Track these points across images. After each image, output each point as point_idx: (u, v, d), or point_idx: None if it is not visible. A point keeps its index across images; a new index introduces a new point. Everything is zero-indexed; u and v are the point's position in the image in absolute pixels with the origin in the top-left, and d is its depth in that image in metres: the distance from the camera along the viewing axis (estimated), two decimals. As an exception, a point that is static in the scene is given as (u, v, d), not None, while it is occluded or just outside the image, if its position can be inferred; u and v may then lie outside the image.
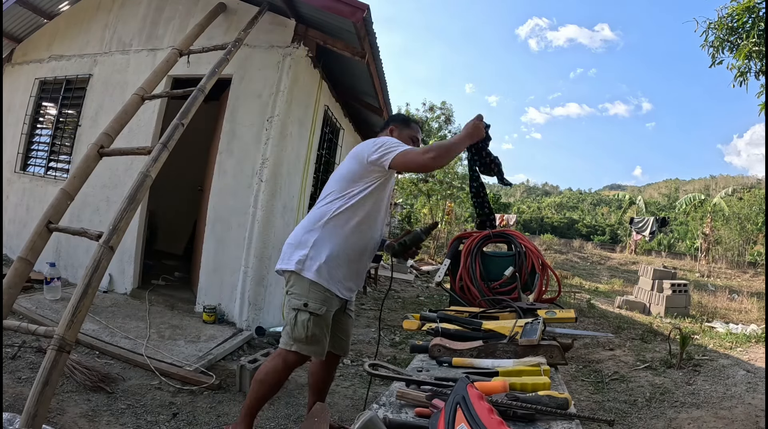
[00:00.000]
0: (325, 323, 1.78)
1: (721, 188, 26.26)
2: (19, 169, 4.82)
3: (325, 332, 1.79)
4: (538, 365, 1.08)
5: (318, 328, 1.76)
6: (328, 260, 1.77)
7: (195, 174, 4.87)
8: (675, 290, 7.71)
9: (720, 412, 3.13)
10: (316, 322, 1.75)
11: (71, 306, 1.85)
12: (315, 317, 1.75)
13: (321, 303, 1.76)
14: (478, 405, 0.71)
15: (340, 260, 1.80)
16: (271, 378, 1.83)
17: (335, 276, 1.80)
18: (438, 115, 22.09)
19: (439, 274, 2.13)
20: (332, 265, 1.79)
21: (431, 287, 8.26)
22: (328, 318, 1.80)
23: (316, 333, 1.75)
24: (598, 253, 21.38)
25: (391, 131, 2.02)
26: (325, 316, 1.77)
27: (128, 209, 2.21)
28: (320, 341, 1.78)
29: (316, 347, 1.77)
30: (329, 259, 1.78)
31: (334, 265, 1.79)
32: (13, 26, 4.91)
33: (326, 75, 4.44)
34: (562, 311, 1.61)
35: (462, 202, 17.90)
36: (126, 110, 2.88)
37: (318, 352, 1.79)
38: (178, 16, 4.20)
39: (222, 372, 2.87)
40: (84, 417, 2.16)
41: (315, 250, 1.78)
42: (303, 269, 1.77)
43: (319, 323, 1.76)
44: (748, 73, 4.75)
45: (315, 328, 1.75)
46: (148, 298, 3.86)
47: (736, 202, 20.39)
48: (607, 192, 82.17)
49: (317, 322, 1.75)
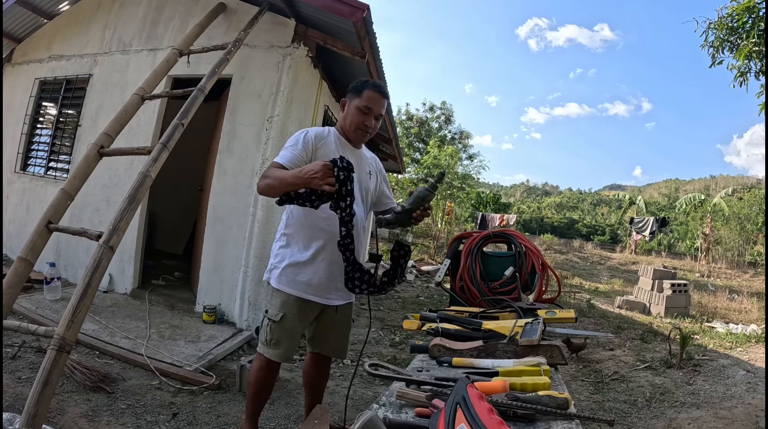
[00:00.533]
0: (284, 328, 1.77)
1: (721, 188, 26.26)
2: (19, 169, 4.82)
3: (286, 337, 1.78)
4: (538, 365, 1.08)
5: (278, 332, 1.77)
6: (288, 266, 1.77)
7: (195, 174, 4.87)
8: (675, 290, 7.71)
9: (720, 412, 3.12)
10: (275, 328, 1.77)
11: (71, 306, 1.85)
12: (273, 323, 1.77)
13: (279, 309, 1.77)
14: (478, 405, 0.71)
15: (301, 265, 1.76)
16: (254, 378, 1.88)
17: (299, 281, 1.76)
18: (438, 115, 22.14)
19: (439, 274, 2.13)
20: (292, 271, 1.77)
21: (431, 287, 8.26)
22: (288, 323, 1.77)
23: (275, 337, 1.78)
24: (598, 253, 21.39)
25: (342, 106, 1.86)
26: (283, 322, 1.77)
27: (128, 209, 2.21)
28: (280, 345, 1.78)
29: (277, 351, 1.78)
30: (289, 265, 1.77)
31: (294, 270, 1.77)
32: (13, 26, 4.91)
33: (326, 75, 4.44)
34: (562, 311, 1.61)
35: (462, 202, 17.92)
36: (126, 110, 2.88)
37: (278, 355, 1.79)
38: (178, 16, 4.20)
39: (222, 372, 2.87)
40: (84, 417, 2.16)
41: (277, 258, 1.81)
42: (270, 278, 1.82)
43: (278, 328, 1.77)
44: (748, 73, 4.75)
45: (274, 333, 1.78)
46: (148, 298, 3.86)
47: (736, 202, 20.39)
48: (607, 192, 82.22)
49: (275, 328, 1.77)
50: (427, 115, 22.12)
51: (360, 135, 1.81)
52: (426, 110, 22.22)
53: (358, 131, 1.79)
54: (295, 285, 1.76)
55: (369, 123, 1.78)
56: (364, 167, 1.85)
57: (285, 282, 1.77)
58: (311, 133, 1.78)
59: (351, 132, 1.80)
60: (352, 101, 1.80)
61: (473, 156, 20.49)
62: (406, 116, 21.92)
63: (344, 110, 1.84)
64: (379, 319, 5.31)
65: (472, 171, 17.79)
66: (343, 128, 1.83)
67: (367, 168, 1.88)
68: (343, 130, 1.83)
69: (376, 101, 1.78)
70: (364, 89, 1.78)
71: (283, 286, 1.77)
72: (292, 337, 1.80)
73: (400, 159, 9.27)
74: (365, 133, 1.80)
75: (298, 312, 1.78)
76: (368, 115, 1.78)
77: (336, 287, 1.79)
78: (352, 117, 1.79)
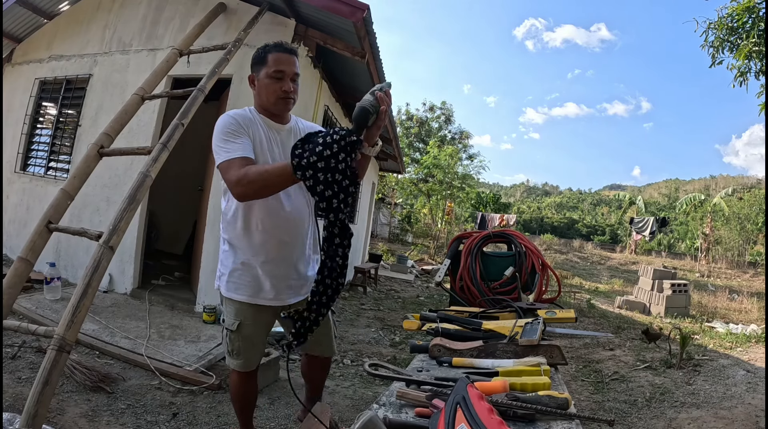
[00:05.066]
0: (242, 337, 1.65)
1: (721, 188, 26.28)
2: (19, 169, 4.82)
3: (246, 345, 1.66)
4: (538, 365, 1.08)
5: (237, 342, 1.66)
6: (233, 271, 1.63)
7: (195, 174, 4.87)
8: (675, 290, 7.71)
9: (720, 412, 3.12)
10: (233, 338, 1.66)
11: (71, 306, 1.85)
12: (230, 333, 1.66)
13: (234, 317, 1.64)
14: (478, 405, 0.71)
15: (246, 267, 1.61)
16: (233, 393, 1.82)
17: (247, 285, 1.62)
18: (438, 115, 22.17)
19: (439, 274, 2.13)
20: (238, 275, 1.62)
21: (431, 287, 8.26)
22: (246, 330, 1.65)
23: (235, 348, 1.67)
24: (598, 253, 21.40)
25: (251, 83, 1.62)
26: (240, 330, 1.64)
27: (128, 209, 2.21)
28: (241, 354, 1.67)
29: (240, 360, 1.68)
30: (234, 270, 1.63)
31: (239, 274, 1.62)
32: (13, 26, 4.92)
33: (326, 75, 4.44)
34: (562, 311, 1.61)
35: (462, 202, 17.92)
36: (126, 110, 2.88)
37: (241, 365, 1.68)
38: (178, 16, 4.20)
39: (222, 372, 2.87)
40: (84, 417, 2.16)
41: (222, 264, 1.68)
42: (220, 286, 1.69)
43: (237, 338, 1.65)
44: (748, 73, 4.76)
45: (233, 342, 1.66)
46: (148, 298, 3.86)
47: (736, 202, 20.40)
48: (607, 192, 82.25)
49: (234, 337, 1.66)
50: (427, 115, 22.16)
51: (282, 104, 1.58)
52: (426, 110, 22.26)
53: (279, 102, 1.56)
54: (243, 290, 1.62)
55: (287, 87, 1.54)
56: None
57: (233, 288, 1.63)
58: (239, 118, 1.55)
59: (272, 105, 1.57)
60: (260, 72, 1.57)
61: (473, 156, 20.52)
62: (406, 116, 21.94)
63: (255, 87, 1.61)
64: (379, 319, 5.31)
65: (472, 171, 17.80)
66: (262, 106, 1.60)
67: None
68: (263, 108, 1.60)
69: (284, 61, 1.55)
70: (267, 54, 1.56)
71: (232, 293, 1.63)
72: (253, 345, 1.68)
73: (400, 159, 9.28)
74: (287, 99, 1.57)
75: (254, 318, 1.65)
76: (282, 80, 1.54)
77: (289, 286, 1.65)
78: (266, 88, 1.55)
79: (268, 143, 1.57)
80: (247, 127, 1.53)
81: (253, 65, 1.60)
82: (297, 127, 1.67)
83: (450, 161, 14.97)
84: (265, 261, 1.60)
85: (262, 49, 1.58)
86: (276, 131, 1.60)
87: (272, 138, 1.58)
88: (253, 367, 1.73)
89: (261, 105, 1.60)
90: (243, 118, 1.54)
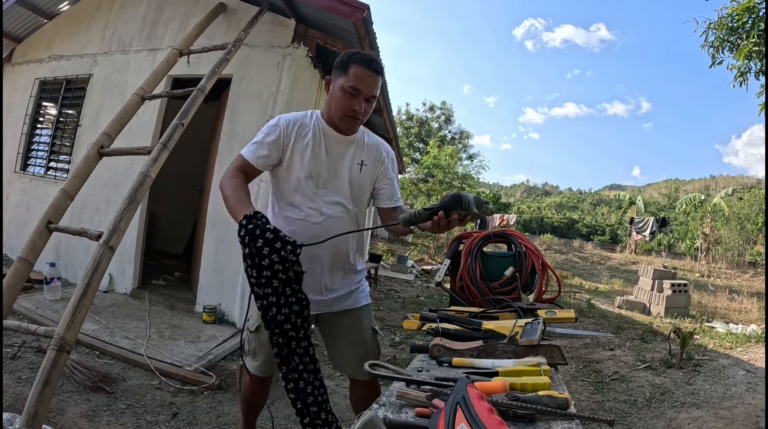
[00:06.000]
0: (259, 339, 1.61)
1: (721, 188, 26.28)
2: (19, 169, 4.82)
3: (262, 349, 1.62)
4: (538, 365, 1.08)
5: (254, 343, 1.63)
6: None
7: (195, 174, 4.87)
8: (675, 290, 7.71)
9: (720, 412, 3.12)
10: (252, 338, 1.64)
11: (71, 306, 1.85)
12: (250, 333, 1.64)
13: (256, 318, 1.60)
14: (478, 405, 0.71)
15: None
16: (242, 393, 1.78)
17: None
18: (438, 115, 22.16)
19: (439, 274, 2.13)
20: None
21: (431, 287, 8.26)
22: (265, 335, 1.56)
23: (251, 348, 1.65)
24: (598, 253, 21.39)
25: (327, 86, 1.53)
26: (259, 332, 1.60)
27: (128, 209, 2.21)
28: (257, 356, 1.63)
29: (256, 363, 1.64)
30: None
31: None
32: (13, 26, 4.92)
33: (326, 75, 4.43)
34: (562, 311, 1.61)
35: (462, 202, 17.90)
36: (126, 110, 2.88)
37: (256, 367, 1.65)
38: (178, 16, 4.20)
39: (222, 372, 2.87)
40: (84, 417, 2.16)
41: None
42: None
43: (254, 339, 1.63)
44: (748, 73, 4.76)
45: (251, 343, 1.64)
46: (148, 298, 3.86)
47: (736, 202, 20.40)
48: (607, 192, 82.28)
49: (252, 338, 1.63)
50: (427, 115, 22.15)
51: (348, 123, 1.49)
52: (426, 110, 22.25)
53: (345, 118, 1.47)
54: None
55: (358, 107, 1.44)
56: (353, 156, 1.56)
57: None
58: (283, 121, 1.51)
59: (337, 119, 1.48)
60: (337, 80, 1.46)
61: (473, 156, 20.51)
62: (406, 116, 21.94)
63: (329, 91, 1.50)
64: (380, 319, 5.31)
65: (472, 171, 17.80)
66: (328, 115, 1.51)
67: (359, 157, 1.56)
68: (329, 117, 1.51)
69: (365, 80, 1.42)
70: (350, 65, 1.42)
71: None
72: (266, 351, 1.60)
73: (400, 159, 9.28)
74: (354, 119, 1.48)
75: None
76: (356, 97, 1.43)
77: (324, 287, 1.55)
78: (337, 101, 1.46)
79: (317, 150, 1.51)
80: (290, 131, 1.50)
81: (334, 69, 1.48)
82: (362, 140, 1.60)
83: (450, 161, 14.96)
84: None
85: (347, 56, 1.46)
86: (335, 141, 1.53)
87: (327, 146, 1.52)
88: (268, 373, 1.68)
89: (327, 113, 1.52)
90: (292, 121, 1.52)
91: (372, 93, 1.46)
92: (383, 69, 1.49)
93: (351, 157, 1.56)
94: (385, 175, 1.63)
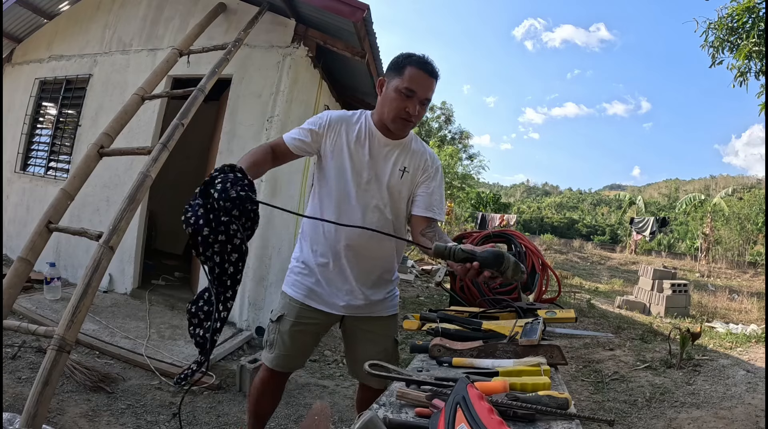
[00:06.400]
0: (279, 330, 1.61)
1: (721, 188, 26.28)
2: (19, 169, 4.82)
3: (280, 340, 1.61)
4: (538, 365, 1.08)
5: (273, 333, 1.62)
6: (294, 267, 1.63)
7: (195, 174, 4.86)
8: (675, 290, 7.71)
9: (720, 412, 3.12)
10: (271, 328, 1.64)
11: (71, 306, 1.85)
12: (271, 323, 1.64)
13: (280, 309, 1.62)
14: (478, 405, 0.71)
15: (305, 265, 1.59)
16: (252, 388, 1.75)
17: (302, 284, 1.59)
18: (438, 116, 22.19)
19: (439, 274, 2.13)
20: (297, 272, 1.61)
21: (431, 287, 8.26)
22: (285, 325, 1.60)
23: (270, 339, 1.64)
24: (598, 253, 21.38)
25: (380, 87, 1.50)
26: (280, 322, 1.61)
27: (128, 209, 2.21)
28: (274, 348, 1.62)
29: (272, 354, 1.63)
30: (295, 265, 1.63)
31: (299, 273, 1.60)
32: (13, 26, 4.92)
33: (326, 75, 4.44)
34: (562, 311, 1.61)
35: (462, 202, 17.93)
36: (126, 110, 2.88)
37: (272, 360, 1.63)
38: (178, 16, 4.20)
39: (222, 372, 2.87)
40: (84, 417, 2.16)
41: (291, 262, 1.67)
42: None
43: (274, 329, 1.62)
44: (748, 73, 4.76)
45: (270, 333, 1.64)
46: (148, 298, 3.86)
47: (736, 202, 20.41)
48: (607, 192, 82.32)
49: (272, 328, 1.63)
50: (427, 115, 22.17)
51: (400, 125, 1.46)
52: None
53: (397, 120, 1.44)
54: (298, 287, 1.60)
55: (412, 109, 1.41)
56: (396, 160, 1.52)
57: (290, 283, 1.62)
58: (329, 116, 1.52)
59: (390, 120, 1.45)
60: (391, 82, 1.43)
61: (473, 156, 20.54)
62: (406, 116, 21.94)
63: (381, 93, 1.47)
64: (379, 319, 5.30)
65: (471, 171, 17.82)
66: (380, 116, 1.49)
67: (402, 163, 1.52)
68: (380, 118, 1.49)
69: (420, 81, 1.40)
70: (406, 66, 1.40)
71: (287, 287, 1.63)
72: (284, 343, 1.61)
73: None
74: (407, 121, 1.44)
75: (298, 317, 1.59)
76: (411, 98, 1.40)
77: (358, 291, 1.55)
78: (390, 102, 1.43)
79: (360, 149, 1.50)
80: (335, 127, 1.51)
81: (388, 70, 1.46)
82: (409, 145, 1.56)
83: (450, 161, 14.98)
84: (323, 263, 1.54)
85: (403, 58, 1.43)
86: (381, 143, 1.51)
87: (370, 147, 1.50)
88: (283, 369, 1.66)
89: (379, 115, 1.49)
90: (336, 118, 1.52)
91: (427, 95, 1.43)
92: (438, 73, 1.45)
93: (394, 161, 1.52)
94: (425, 184, 1.57)
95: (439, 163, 1.63)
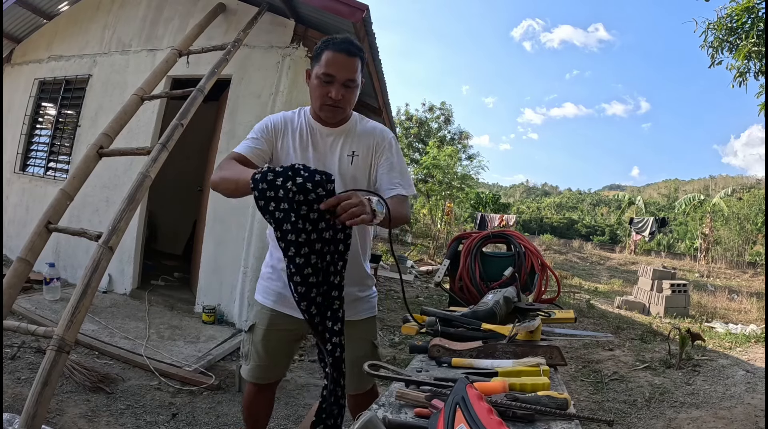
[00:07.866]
0: (253, 340, 1.56)
1: (721, 188, 26.30)
2: (19, 170, 4.82)
3: (254, 350, 1.55)
4: (538, 365, 1.08)
5: (248, 344, 1.57)
6: (264, 273, 1.58)
7: (195, 174, 4.87)
8: (674, 290, 7.70)
9: (719, 412, 3.13)
10: (246, 339, 1.59)
11: (71, 306, 1.85)
12: (245, 333, 1.59)
13: (252, 318, 1.57)
14: (477, 405, 0.71)
15: (273, 269, 1.53)
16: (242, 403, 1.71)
17: (271, 290, 1.54)
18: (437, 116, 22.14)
19: (439, 274, 2.13)
20: (267, 277, 1.56)
21: (431, 287, 8.26)
22: (258, 335, 1.54)
23: (245, 350, 1.59)
24: (598, 253, 21.37)
25: (307, 76, 1.46)
26: (252, 332, 1.56)
27: (128, 209, 2.21)
28: (249, 359, 1.57)
29: (248, 366, 1.58)
30: (264, 271, 1.57)
31: (268, 276, 1.55)
32: (13, 26, 4.92)
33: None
34: (562, 311, 1.61)
35: (461, 203, 17.93)
36: (125, 110, 2.88)
37: (249, 372, 1.57)
38: (178, 17, 4.20)
39: (221, 372, 2.87)
40: (83, 417, 2.16)
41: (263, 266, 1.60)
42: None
43: (248, 340, 1.57)
44: (748, 73, 4.76)
45: (245, 345, 1.59)
46: (147, 299, 3.86)
47: (735, 202, 20.41)
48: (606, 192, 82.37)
49: (246, 339, 1.58)
50: (426, 115, 22.13)
51: (329, 112, 1.41)
52: (425, 110, 22.23)
53: (324, 108, 1.40)
54: (267, 293, 1.54)
55: (335, 94, 1.35)
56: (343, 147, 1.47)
57: (260, 290, 1.57)
58: (271, 120, 1.48)
59: (318, 109, 1.42)
60: (313, 70, 1.39)
61: (472, 156, 20.48)
62: (406, 116, 21.92)
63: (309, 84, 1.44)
64: (379, 320, 5.30)
65: (471, 171, 17.76)
66: (312, 107, 1.46)
67: (350, 148, 1.47)
68: (314, 109, 1.46)
69: (337, 63, 1.33)
70: (324, 51, 1.35)
71: (258, 295, 1.58)
72: (258, 354, 1.55)
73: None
74: (334, 107, 1.39)
75: (269, 324, 1.52)
76: (331, 84, 1.35)
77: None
78: (314, 90, 1.39)
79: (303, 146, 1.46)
80: (278, 131, 1.46)
81: (312, 59, 1.42)
82: (354, 128, 1.50)
83: (449, 161, 14.95)
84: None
85: (322, 43, 1.37)
86: (323, 135, 1.47)
87: (313, 141, 1.47)
88: (262, 380, 1.59)
89: (312, 106, 1.47)
90: (280, 120, 1.48)
91: (348, 76, 1.36)
92: (359, 50, 1.37)
93: (341, 148, 1.47)
94: (381, 162, 1.49)
95: (391, 136, 1.54)
